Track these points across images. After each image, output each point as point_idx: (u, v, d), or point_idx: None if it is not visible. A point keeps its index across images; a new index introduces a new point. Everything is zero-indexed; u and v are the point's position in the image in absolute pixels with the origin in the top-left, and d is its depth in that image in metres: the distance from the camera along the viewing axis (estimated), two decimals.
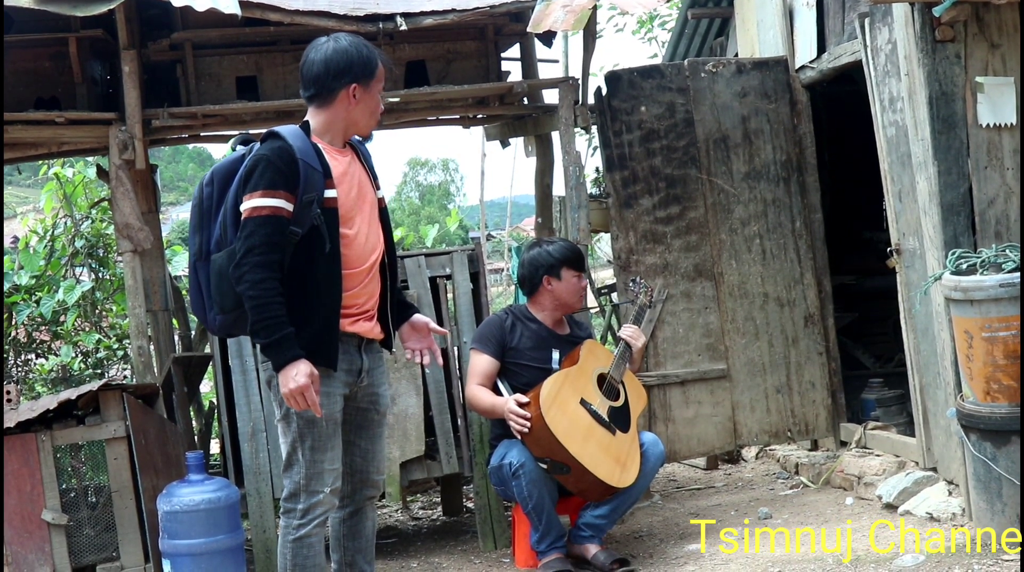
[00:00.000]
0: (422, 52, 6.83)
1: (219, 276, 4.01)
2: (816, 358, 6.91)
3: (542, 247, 5.77)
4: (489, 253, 20.87)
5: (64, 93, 6.43)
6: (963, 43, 5.37)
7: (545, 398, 5.25)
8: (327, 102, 4.10)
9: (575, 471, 5.25)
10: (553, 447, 5.22)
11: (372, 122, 4.22)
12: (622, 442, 5.45)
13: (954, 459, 5.57)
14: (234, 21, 6.19)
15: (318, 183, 3.98)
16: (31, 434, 5.33)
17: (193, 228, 4.13)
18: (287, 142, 3.98)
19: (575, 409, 5.36)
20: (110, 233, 8.98)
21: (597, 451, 5.32)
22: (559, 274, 5.68)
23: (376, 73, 4.13)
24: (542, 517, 5.40)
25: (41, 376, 9.22)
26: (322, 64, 4.07)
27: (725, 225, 6.81)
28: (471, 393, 5.59)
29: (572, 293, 5.71)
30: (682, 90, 6.79)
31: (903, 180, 5.82)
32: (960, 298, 4.94)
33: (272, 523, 5.93)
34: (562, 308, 5.75)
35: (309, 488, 4.08)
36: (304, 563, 4.11)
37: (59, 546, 5.33)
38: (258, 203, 3.90)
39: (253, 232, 3.89)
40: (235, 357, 5.92)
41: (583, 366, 5.53)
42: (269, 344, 3.91)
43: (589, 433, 5.34)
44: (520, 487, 5.34)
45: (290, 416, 4.06)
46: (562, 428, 5.23)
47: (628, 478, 5.40)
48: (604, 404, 5.48)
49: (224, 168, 4.11)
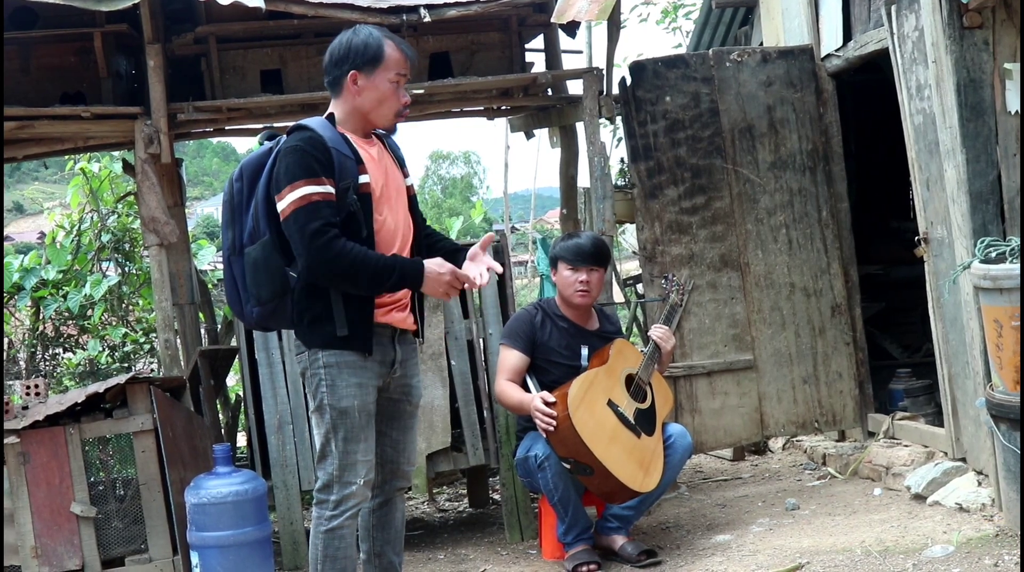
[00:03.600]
0: (446, 44, 6.83)
1: (254, 268, 4.03)
2: (843, 348, 6.88)
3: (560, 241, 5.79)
4: (513, 245, 20.87)
5: (89, 88, 6.46)
6: (991, 29, 5.32)
7: (573, 399, 5.20)
8: (337, 91, 4.14)
9: (598, 473, 5.21)
10: (578, 448, 5.17)
11: (385, 112, 4.15)
12: (646, 446, 5.42)
13: (983, 449, 5.53)
14: (258, 14, 6.20)
15: (351, 170, 4.00)
16: (60, 427, 5.36)
17: (225, 223, 4.14)
18: (317, 132, 4.00)
19: (602, 410, 5.32)
20: (136, 227, 9.02)
21: (621, 454, 5.27)
22: (556, 266, 5.68)
23: (382, 61, 4.08)
24: (568, 509, 5.39)
25: (69, 370, 9.27)
26: (327, 54, 4.13)
27: (751, 215, 6.78)
28: (500, 389, 5.56)
29: (566, 286, 5.64)
30: (707, 80, 6.76)
31: (931, 168, 5.78)
32: (989, 286, 4.90)
33: (299, 515, 5.95)
34: (566, 301, 5.69)
35: (342, 479, 4.08)
36: (335, 554, 4.10)
37: (88, 538, 5.36)
38: (303, 192, 3.90)
39: (308, 218, 3.88)
40: (261, 350, 5.93)
41: (612, 366, 5.48)
42: (398, 278, 3.97)
43: (615, 436, 5.30)
44: (546, 479, 5.33)
45: (324, 407, 4.06)
46: (588, 430, 5.19)
47: (650, 483, 5.36)
48: (631, 406, 5.44)
49: (253, 162, 4.12)
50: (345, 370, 4.05)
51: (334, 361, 4.04)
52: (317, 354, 4.06)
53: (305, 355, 4.09)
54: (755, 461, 7.60)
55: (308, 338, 4.08)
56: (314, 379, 4.07)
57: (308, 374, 4.09)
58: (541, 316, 5.66)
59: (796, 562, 5.03)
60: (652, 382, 5.62)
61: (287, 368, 5.95)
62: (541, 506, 5.78)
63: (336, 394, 4.05)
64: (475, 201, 26.67)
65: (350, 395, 4.05)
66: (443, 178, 60.36)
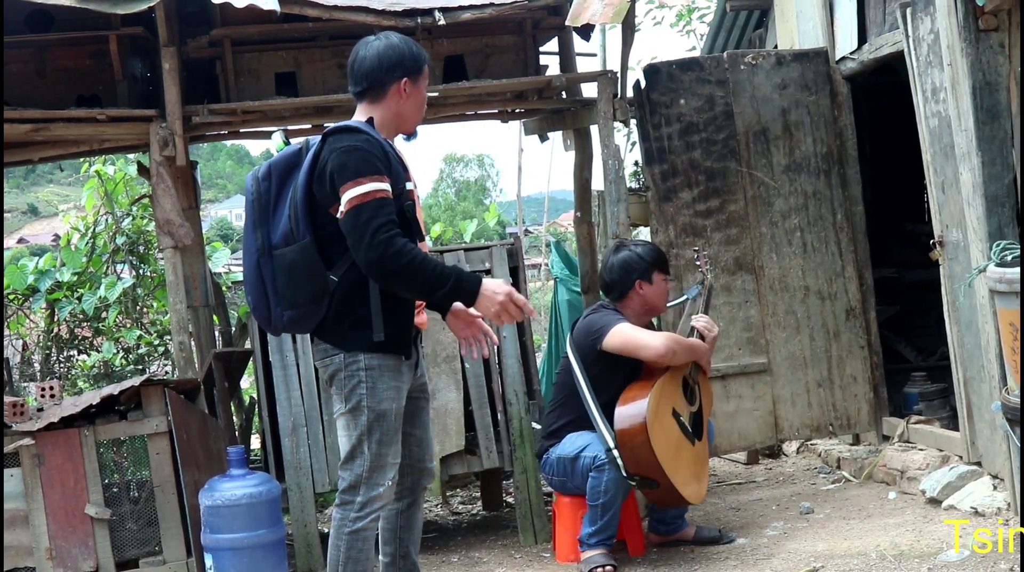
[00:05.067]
0: (460, 47, 6.83)
1: (290, 271, 3.99)
2: (858, 352, 6.86)
3: (630, 250, 5.58)
4: (527, 248, 20.84)
5: (105, 90, 6.47)
6: (1007, 32, 5.30)
7: (650, 414, 5.11)
8: (379, 97, 4.13)
9: (663, 488, 5.16)
10: (651, 466, 5.11)
11: (419, 118, 4.26)
12: (698, 454, 5.39)
13: (999, 453, 5.51)
14: (273, 17, 6.21)
15: (401, 174, 4.05)
16: (74, 429, 5.38)
17: (252, 224, 4.08)
18: (372, 135, 4.02)
19: (669, 423, 5.25)
20: (151, 230, 9.04)
21: (684, 469, 5.24)
22: (651, 278, 5.54)
23: (424, 69, 4.18)
24: (607, 516, 5.31)
25: (83, 372, 9.29)
26: (375, 59, 4.10)
27: (765, 218, 6.77)
28: (670, 339, 5.34)
29: (662, 296, 5.58)
30: (721, 82, 6.75)
31: (946, 171, 5.76)
32: (1005, 290, 4.88)
33: (313, 518, 5.96)
34: (651, 312, 5.63)
35: (371, 481, 4.06)
36: (358, 556, 4.08)
37: (102, 540, 5.37)
38: (368, 188, 3.89)
39: (374, 214, 3.87)
40: (275, 352, 5.94)
41: (673, 372, 5.37)
42: (454, 286, 3.94)
43: (679, 449, 5.25)
44: (599, 481, 5.25)
45: (361, 409, 4.04)
46: (660, 447, 5.12)
47: (702, 492, 5.38)
48: (687, 411, 5.39)
49: (283, 161, 4.09)
50: (386, 373, 4.05)
51: (376, 364, 4.03)
52: (357, 357, 4.03)
53: (340, 357, 4.06)
54: (769, 465, 7.59)
55: (348, 341, 4.05)
56: (351, 381, 4.05)
57: (342, 376, 4.05)
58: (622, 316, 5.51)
59: (810, 566, 5.02)
60: (699, 380, 5.56)
61: (301, 370, 5.96)
62: (555, 509, 5.78)
63: (376, 397, 4.04)
64: (489, 204, 26.69)
65: (389, 398, 4.06)
66: (457, 181, 60.44)
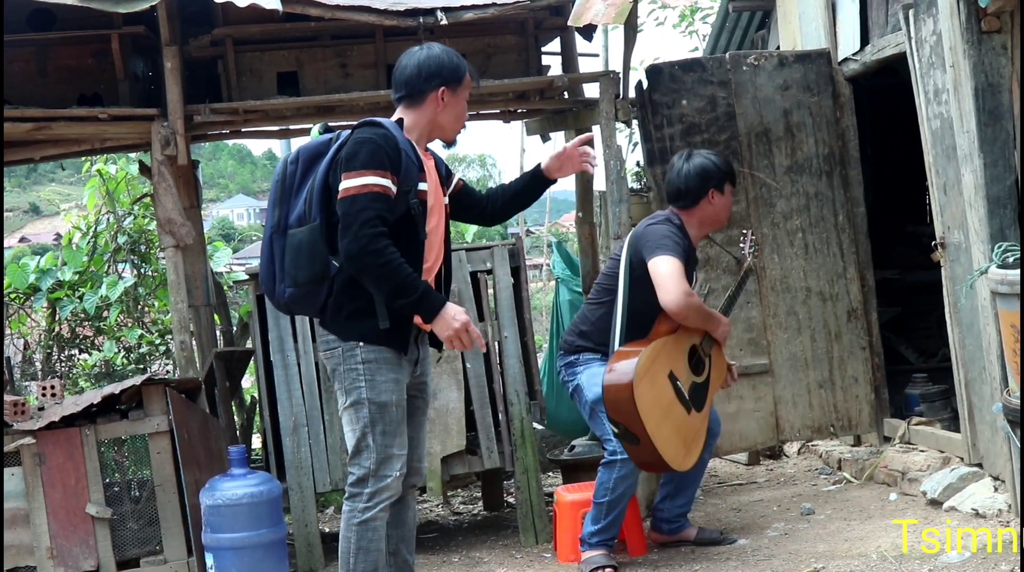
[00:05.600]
0: (462, 47, 6.80)
1: (297, 250, 4.11)
2: (859, 353, 6.85)
3: (706, 158, 5.44)
4: (528, 249, 20.84)
5: (106, 89, 6.47)
6: (1009, 34, 5.30)
7: (640, 368, 5.03)
8: (416, 103, 4.25)
9: (644, 446, 5.10)
10: (632, 419, 5.03)
11: (456, 127, 4.37)
12: (693, 422, 5.28)
13: (1000, 455, 5.51)
14: (275, 17, 6.21)
15: (414, 174, 4.13)
16: (75, 428, 5.38)
17: (273, 202, 4.23)
18: (390, 131, 4.12)
19: (663, 383, 5.16)
20: (152, 229, 9.04)
21: (671, 432, 5.14)
22: (723, 188, 5.43)
23: (464, 80, 4.31)
24: (612, 515, 5.31)
25: (84, 371, 9.29)
26: (415, 67, 4.24)
27: (767, 219, 6.76)
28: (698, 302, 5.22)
29: (728, 209, 5.50)
30: (723, 83, 6.74)
31: (948, 173, 5.76)
32: (1007, 292, 4.88)
33: (314, 517, 5.96)
34: (714, 224, 5.52)
35: (379, 473, 4.15)
36: (368, 546, 4.16)
37: (103, 539, 5.37)
38: (368, 180, 4.01)
39: (366, 206, 3.99)
40: (276, 352, 5.95)
41: (679, 336, 5.27)
42: (416, 299, 4.04)
43: (668, 411, 5.16)
44: (608, 477, 5.25)
45: (362, 401, 4.13)
46: (646, 403, 5.03)
47: (688, 463, 5.25)
48: (689, 380, 5.29)
49: (312, 149, 4.22)
50: (384, 366, 4.15)
51: (373, 357, 4.13)
52: (355, 350, 4.13)
53: (339, 350, 4.16)
54: (770, 466, 7.58)
55: (346, 331, 4.15)
56: (351, 374, 4.15)
57: (342, 370, 4.16)
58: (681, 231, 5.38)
59: (811, 567, 5.02)
60: (712, 354, 5.47)
61: (302, 370, 5.97)
62: (556, 509, 5.78)
63: (376, 389, 4.13)
64: None
65: (389, 390, 4.15)
66: None
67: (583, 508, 5.50)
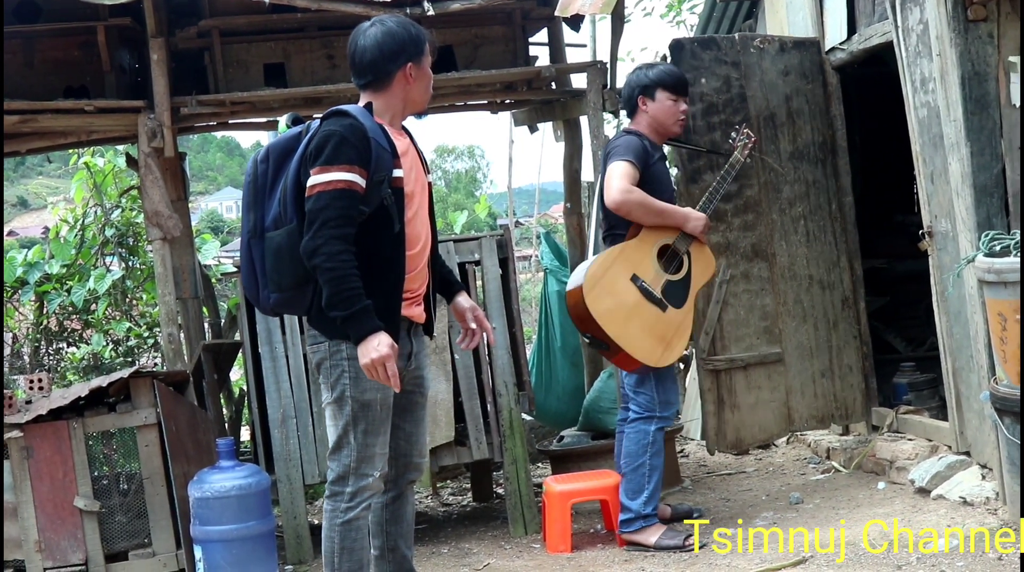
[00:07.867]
0: (449, 37, 6.82)
1: (276, 254, 4.00)
2: (852, 342, 6.82)
3: (640, 69, 5.65)
4: (517, 240, 20.84)
5: (93, 82, 6.46)
6: (996, 22, 5.30)
7: (589, 278, 5.20)
8: (384, 86, 4.14)
9: (613, 349, 5.26)
10: (592, 326, 5.21)
11: (428, 96, 4.28)
12: (671, 320, 5.34)
13: (987, 443, 5.53)
14: (261, 8, 6.21)
15: (387, 162, 4.01)
16: (63, 422, 5.37)
17: (247, 205, 4.10)
18: (358, 120, 3.99)
19: (624, 286, 5.26)
20: (140, 222, 9.02)
21: (639, 331, 5.25)
22: (653, 95, 5.55)
23: (426, 49, 4.18)
24: (655, 476, 5.45)
25: (72, 364, 9.27)
26: (376, 49, 4.09)
27: (775, 205, 6.64)
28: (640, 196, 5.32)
29: (668, 115, 5.56)
30: (735, 64, 6.54)
31: (935, 162, 5.77)
32: (993, 280, 4.89)
33: (303, 510, 5.95)
34: (661, 131, 5.60)
35: (359, 471, 4.08)
36: (352, 546, 4.10)
37: (91, 533, 5.37)
38: (333, 177, 3.90)
39: (328, 205, 3.88)
40: (265, 344, 5.93)
41: (643, 238, 5.37)
42: (349, 316, 3.90)
43: (634, 312, 5.26)
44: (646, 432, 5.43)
45: (345, 399, 4.05)
46: (602, 308, 5.19)
47: (669, 357, 5.35)
48: (659, 278, 5.35)
49: (280, 145, 4.09)
50: None
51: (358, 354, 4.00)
52: (340, 346, 4.04)
53: (325, 346, 4.07)
54: (759, 455, 7.59)
55: (331, 328, 4.04)
56: (335, 370, 4.06)
57: (327, 365, 4.07)
58: (648, 144, 5.51)
59: (800, 556, 5.03)
60: (692, 250, 5.50)
61: (290, 362, 5.96)
62: (545, 500, 5.78)
63: (360, 386, 4.04)
64: (479, 195, 26.66)
65: (374, 388, 4.04)
66: (447, 172, 60.31)
67: (572, 498, 5.51)
